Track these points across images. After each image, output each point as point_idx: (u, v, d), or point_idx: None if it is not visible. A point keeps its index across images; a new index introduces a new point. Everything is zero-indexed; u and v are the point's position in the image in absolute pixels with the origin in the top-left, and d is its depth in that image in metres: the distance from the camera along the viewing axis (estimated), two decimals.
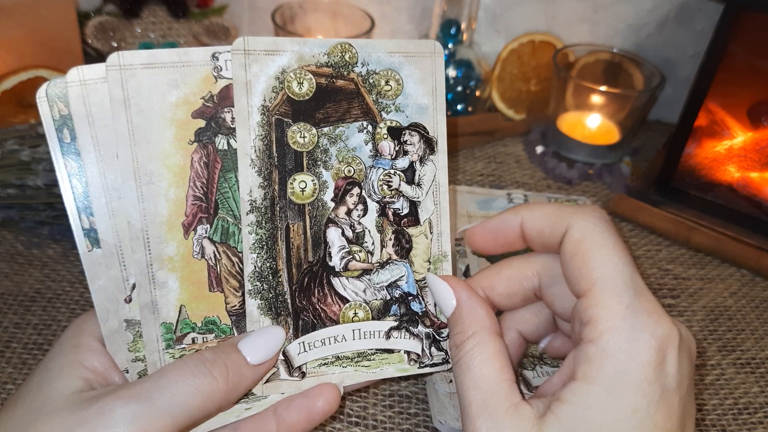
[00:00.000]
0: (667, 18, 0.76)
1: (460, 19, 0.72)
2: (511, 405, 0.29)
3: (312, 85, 0.35)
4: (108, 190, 0.31)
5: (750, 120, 0.62)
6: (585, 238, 0.31)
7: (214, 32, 0.71)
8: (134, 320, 0.32)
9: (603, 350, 0.28)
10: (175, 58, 0.31)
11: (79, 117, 0.30)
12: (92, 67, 0.30)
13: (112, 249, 0.31)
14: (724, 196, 0.63)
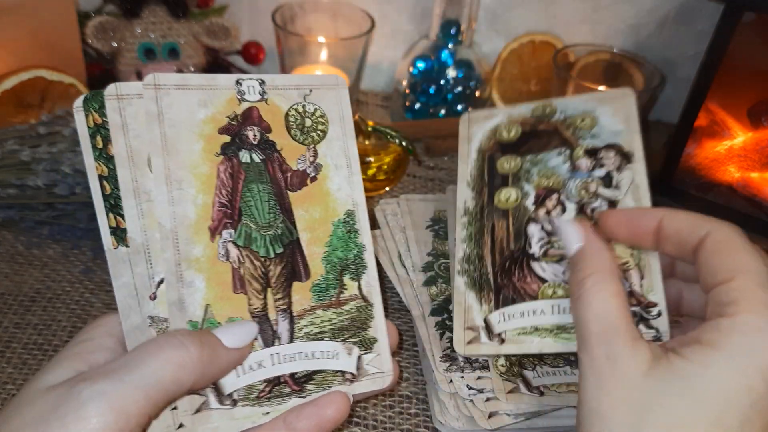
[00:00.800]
0: (667, 18, 0.76)
1: (460, 20, 0.72)
2: (631, 338, 0.30)
3: (518, 132, 0.46)
4: (139, 192, 0.33)
5: (750, 120, 0.62)
6: (727, 239, 0.32)
7: (214, 32, 0.71)
8: (159, 317, 0.33)
9: (737, 325, 0.28)
10: (203, 82, 0.35)
11: (115, 126, 0.33)
12: (128, 84, 0.34)
13: (140, 247, 0.33)
14: (724, 196, 0.63)
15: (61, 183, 0.53)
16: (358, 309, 0.37)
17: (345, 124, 0.39)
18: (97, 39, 0.67)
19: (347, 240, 0.38)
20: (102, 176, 0.33)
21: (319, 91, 0.38)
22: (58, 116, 0.59)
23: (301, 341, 0.36)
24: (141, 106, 0.34)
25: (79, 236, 0.56)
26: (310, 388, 0.35)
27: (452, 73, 0.74)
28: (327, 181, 0.38)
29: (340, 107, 0.39)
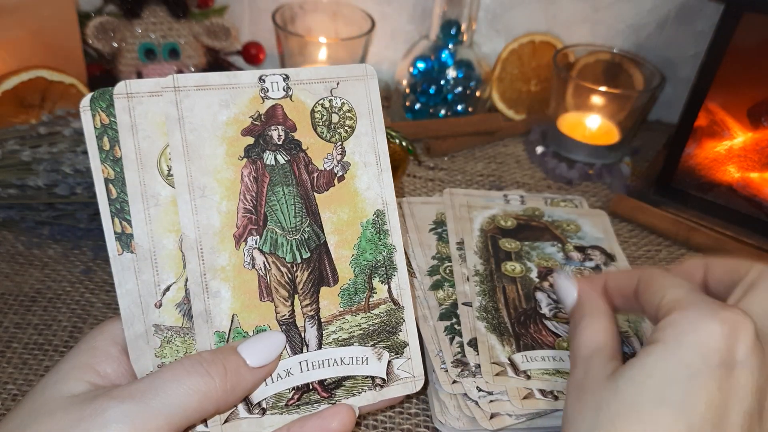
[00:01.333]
0: (668, 18, 0.76)
1: (460, 20, 0.72)
2: (609, 357, 0.33)
3: (514, 223, 0.56)
4: (146, 197, 0.32)
5: (750, 120, 0.62)
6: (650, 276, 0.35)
7: (214, 33, 0.71)
8: (163, 325, 0.33)
9: (673, 320, 0.31)
10: (224, 80, 0.34)
11: (124, 126, 0.32)
12: (139, 82, 0.32)
13: (146, 254, 0.32)
14: (724, 197, 0.63)
15: (62, 183, 0.53)
16: (388, 313, 0.36)
17: (374, 117, 0.37)
18: (98, 39, 0.67)
19: (376, 242, 0.36)
20: (108, 179, 0.32)
21: (346, 83, 0.36)
22: (58, 116, 0.59)
23: (329, 347, 0.35)
24: (151, 106, 0.32)
25: (80, 236, 0.56)
26: (340, 394, 0.35)
27: (452, 73, 0.74)
28: (355, 180, 0.36)
29: (369, 99, 0.37)
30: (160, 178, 0.33)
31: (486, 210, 0.58)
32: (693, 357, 0.29)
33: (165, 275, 0.33)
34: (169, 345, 0.33)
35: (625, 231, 0.64)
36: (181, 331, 0.33)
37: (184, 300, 0.33)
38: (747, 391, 0.29)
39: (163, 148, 0.33)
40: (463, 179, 0.68)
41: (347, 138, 0.36)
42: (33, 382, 0.45)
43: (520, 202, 0.62)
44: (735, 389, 0.29)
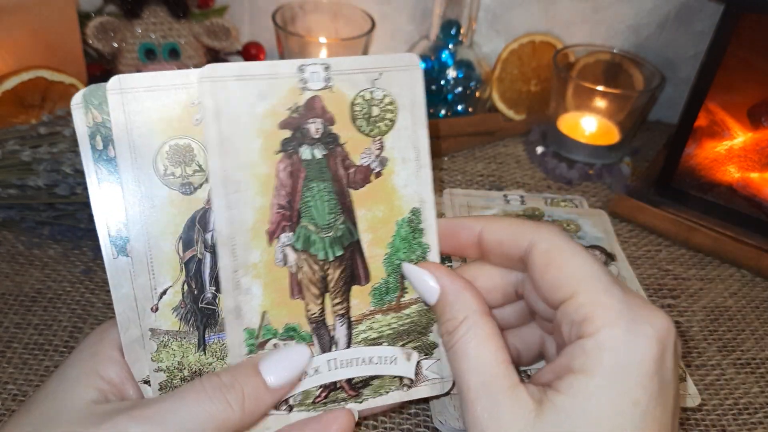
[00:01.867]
0: (667, 18, 0.76)
1: (460, 20, 0.72)
2: (509, 387, 0.29)
3: None
4: (142, 198, 0.31)
5: (750, 120, 0.62)
6: (554, 247, 0.31)
7: (214, 33, 0.71)
8: (159, 330, 0.32)
9: (602, 344, 0.28)
10: (263, 71, 0.32)
11: (118, 125, 0.31)
12: (133, 76, 0.31)
13: (142, 257, 0.32)
14: (724, 197, 0.63)
15: (62, 183, 0.53)
16: (419, 313, 0.36)
17: (416, 110, 0.35)
18: (98, 39, 0.67)
19: (411, 241, 0.35)
20: (101, 180, 0.31)
21: (389, 73, 0.34)
22: (58, 116, 0.59)
23: (358, 346, 0.35)
24: (147, 102, 0.31)
25: (80, 236, 0.56)
26: (367, 393, 0.35)
27: (452, 73, 0.74)
28: (392, 176, 0.35)
29: (412, 92, 0.35)
30: (156, 178, 0.32)
31: (486, 210, 0.58)
32: (639, 392, 0.27)
33: (161, 279, 0.32)
34: (166, 349, 0.33)
35: (625, 231, 0.64)
36: (177, 335, 0.33)
37: (181, 304, 0.33)
38: (674, 394, 0.28)
39: (160, 147, 0.32)
40: (463, 179, 0.68)
41: (387, 132, 0.35)
42: (33, 382, 0.45)
43: (520, 202, 0.61)
44: (669, 399, 0.28)
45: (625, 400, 0.27)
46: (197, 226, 0.33)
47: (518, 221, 0.33)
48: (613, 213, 0.65)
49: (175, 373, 0.33)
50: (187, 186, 0.32)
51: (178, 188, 0.32)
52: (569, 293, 0.30)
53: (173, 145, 0.32)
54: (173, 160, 0.32)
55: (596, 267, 0.30)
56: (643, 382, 0.27)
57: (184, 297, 0.33)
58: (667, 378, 0.28)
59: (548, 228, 0.32)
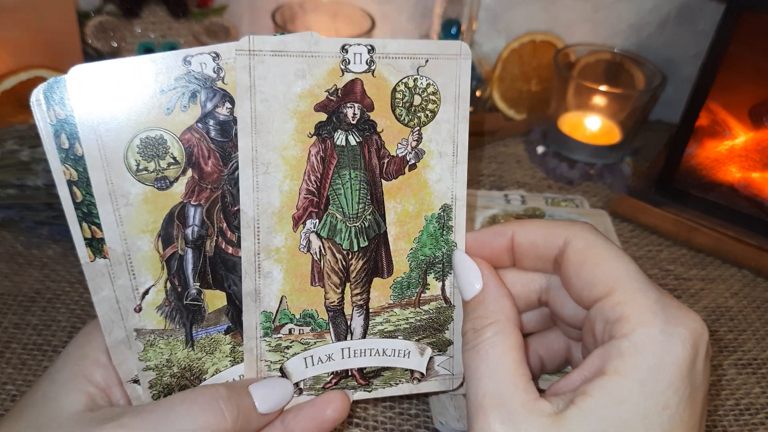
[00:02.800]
0: (668, 18, 0.76)
1: (460, 19, 0.72)
2: (529, 399, 0.28)
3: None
4: (115, 196, 0.30)
5: (751, 120, 0.62)
6: (590, 245, 0.31)
7: (214, 32, 0.70)
8: (145, 329, 0.32)
9: (637, 345, 0.27)
10: (304, 47, 0.31)
11: (83, 121, 0.29)
12: (93, 65, 0.29)
13: (120, 258, 0.31)
14: (725, 197, 0.63)
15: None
16: (437, 310, 0.35)
17: (460, 103, 0.33)
18: (97, 39, 0.67)
19: (438, 237, 0.35)
20: (71, 181, 0.29)
21: (436, 61, 0.33)
22: None
23: (374, 338, 0.35)
24: (110, 93, 0.29)
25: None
26: (377, 383, 0.35)
27: None
28: (427, 170, 0.34)
29: (457, 82, 0.33)
30: (128, 174, 0.30)
31: (487, 210, 0.58)
32: (669, 395, 0.26)
33: (142, 278, 0.31)
34: (153, 348, 0.32)
35: (626, 231, 0.64)
36: (164, 333, 0.32)
37: (165, 302, 0.32)
38: (702, 396, 0.28)
39: (130, 141, 0.30)
40: None
41: (426, 123, 0.33)
42: (32, 382, 0.44)
43: (521, 202, 0.61)
44: (698, 401, 0.28)
45: (656, 403, 0.26)
46: (176, 221, 0.31)
47: (550, 222, 0.33)
48: (614, 213, 0.65)
49: (164, 370, 0.33)
50: (162, 180, 0.31)
51: (153, 183, 0.31)
52: (605, 291, 0.29)
53: (144, 138, 0.30)
54: (145, 154, 0.30)
55: (632, 266, 0.30)
56: (675, 385, 0.27)
57: (167, 295, 0.32)
58: (698, 381, 0.27)
59: (582, 226, 0.32)
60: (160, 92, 0.30)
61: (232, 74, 0.31)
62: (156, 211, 0.31)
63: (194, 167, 0.31)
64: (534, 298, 0.35)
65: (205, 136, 0.31)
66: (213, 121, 0.31)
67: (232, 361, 0.34)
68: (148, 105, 0.30)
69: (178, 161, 0.31)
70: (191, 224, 0.32)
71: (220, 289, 0.33)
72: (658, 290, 0.29)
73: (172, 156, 0.31)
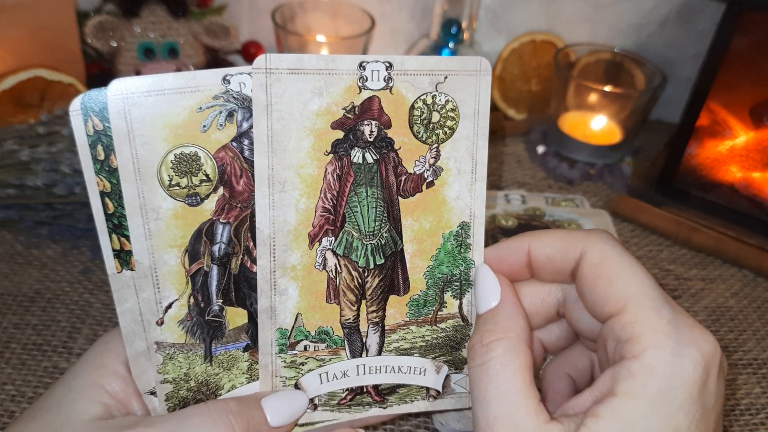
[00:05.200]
0: (669, 17, 0.76)
1: (460, 19, 0.72)
2: (541, 423, 0.27)
3: (515, 222, 0.57)
4: (146, 210, 0.30)
5: (752, 120, 0.62)
6: (605, 259, 0.30)
7: (213, 32, 0.70)
8: (165, 342, 0.32)
9: (648, 366, 0.27)
10: (321, 65, 0.30)
11: (120, 133, 0.29)
12: (135, 79, 0.29)
13: (147, 271, 0.31)
14: (725, 197, 0.63)
15: (61, 183, 0.53)
16: (454, 329, 0.35)
17: (479, 120, 0.33)
18: (97, 38, 0.67)
19: (455, 255, 0.34)
20: (104, 192, 0.29)
21: (455, 77, 0.32)
22: (57, 116, 0.59)
23: (389, 355, 0.34)
24: (150, 108, 0.29)
25: (79, 236, 0.56)
26: (392, 400, 0.35)
27: None
28: (445, 187, 0.33)
29: (477, 99, 0.33)
30: (160, 189, 0.30)
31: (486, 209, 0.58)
32: (680, 417, 0.26)
33: (167, 292, 0.31)
34: (172, 361, 0.32)
35: (626, 231, 0.64)
36: (184, 347, 0.32)
37: (187, 317, 0.32)
38: (715, 417, 0.28)
39: (164, 156, 0.30)
40: None
41: (445, 141, 0.33)
42: (32, 383, 0.44)
43: (521, 202, 0.61)
44: (710, 423, 0.27)
45: (666, 425, 0.26)
46: (204, 238, 0.31)
47: (566, 232, 0.32)
48: (614, 213, 0.65)
49: (182, 384, 0.33)
50: (194, 197, 0.31)
51: (184, 199, 0.31)
52: (617, 309, 0.29)
53: (179, 153, 0.30)
54: (179, 169, 0.30)
55: (647, 282, 0.29)
56: (685, 408, 0.26)
57: (190, 310, 0.32)
58: (710, 403, 0.27)
59: (599, 236, 0.31)
60: (198, 109, 0.30)
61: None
62: (185, 227, 0.31)
63: (226, 185, 0.31)
64: (552, 311, 0.34)
65: (238, 156, 0.31)
66: (247, 140, 0.31)
67: (249, 378, 0.34)
68: (186, 121, 0.30)
69: (211, 179, 0.31)
70: (219, 241, 0.32)
71: (242, 307, 0.33)
72: (673, 308, 0.28)
73: (205, 173, 0.31)
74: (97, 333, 0.48)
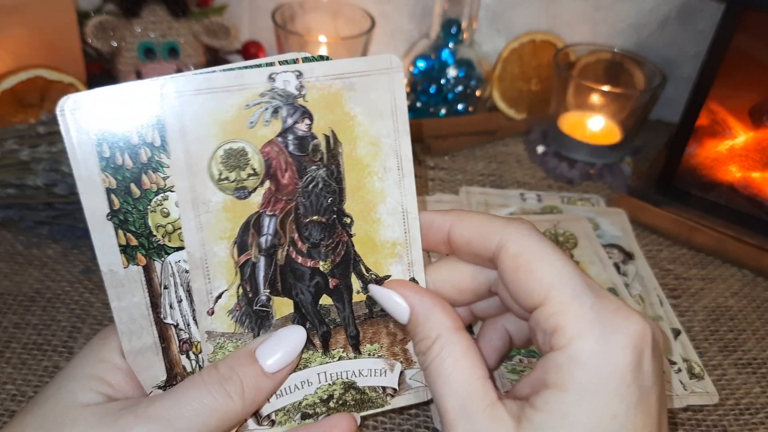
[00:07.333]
0: (669, 17, 0.76)
1: (460, 19, 0.72)
2: (488, 405, 0.28)
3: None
4: (197, 204, 0.31)
5: (751, 120, 0.62)
6: (524, 250, 0.30)
7: (214, 32, 0.70)
8: (215, 332, 0.32)
9: (573, 357, 0.27)
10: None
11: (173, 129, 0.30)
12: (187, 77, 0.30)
13: (198, 262, 0.32)
14: (725, 196, 0.63)
15: (61, 182, 0.53)
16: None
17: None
18: (97, 38, 0.67)
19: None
20: (110, 189, 0.30)
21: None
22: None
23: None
24: (200, 105, 0.30)
25: (79, 236, 0.56)
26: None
27: (453, 72, 0.74)
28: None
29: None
30: (210, 183, 0.31)
31: (503, 208, 0.58)
32: (617, 404, 0.26)
33: (217, 283, 0.32)
34: (222, 351, 0.33)
35: None
36: (233, 336, 0.33)
37: (236, 306, 0.33)
38: (656, 398, 0.28)
39: (214, 151, 0.31)
40: (464, 179, 0.68)
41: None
42: (32, 382, 0.44)
43: (537, 201, 0.61)
44: (651, 404, 0.27)
45: (603, 414, 0.26)
46: (251, 230, 0.33)
47: (487, 218, 0.32)
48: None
49: None
50: (242, 190, 0.32)
51: (233, 193, 0.32)
52: (539, 300, 0.29)
53: (227, 149, 0.31)
54: (228, 164, 0.31)
55: (566, 270, 0.29)
56: (620, 393, 0.26)
57: (239, 300, 0.33)
58: (647, 384, 0.27)
59: (517, 226, 0.31)
60: (245, 106, 0.31)
61: (313, 92, 0.32)
62: (234, 219, 0.32)
63: (272, 179, 0.33)
64: (484, 289, 0.34)
65: (283, 150, 0.32)
66: (292, 135, 0.32)
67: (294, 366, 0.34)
68: (234, 117, 0.31)
69: (258, 173, 0.32)
70: (265, 233, 0.33)
71: (288, 297, 0.34)
72: (595, 294, 0.28)
73: (252, 167, 0.32)
74: (97, 332, 0.48)
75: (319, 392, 0.35)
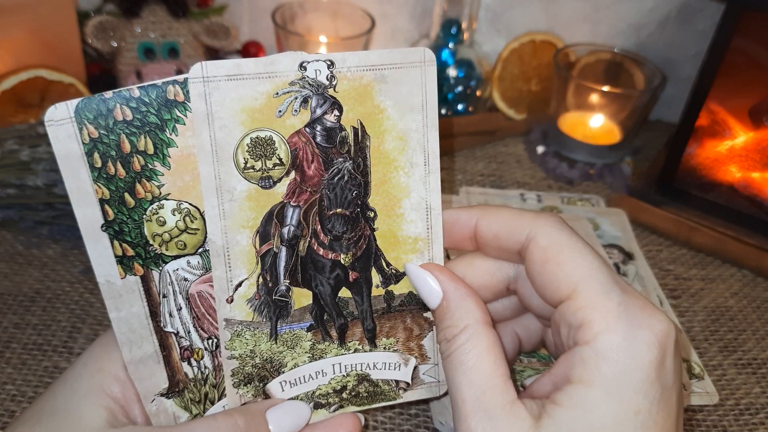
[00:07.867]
0: (668, 17, 0.76)
1: (460, 19, 0.72)
2: (507, 403, 0.28)
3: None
4: (221, 191, 0.31)
5: (751, 120, 0.62)
6: (553, 243, 0.30)
7: (214, 32, 0.70)
8: (234, 320, 0.33)
9: (600, 352, 0.27)
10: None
11: (200, 115, 0.30)
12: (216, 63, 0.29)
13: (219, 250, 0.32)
14: (725, 197, 0.63)
15: (61, 183, 0.53)
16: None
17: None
18: (97, 38, 0.67)
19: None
20: (103, 200, 0.30)
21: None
22: None
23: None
24: (230, 92, 0.30)
25: (79, 236, 0.55)
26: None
27: (453, 72, 0.74)
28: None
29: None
30: (235, 171, 0.31)
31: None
32: (640, 400, 0.26)
33: (237, 271, 0.32)
34: (239, 338, 0.33)
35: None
36: (251, 325, 0.33)
37: (256, 295, 0.33)
38: (677, 396, 0.28)
39: (241, 139, 0.31)
40: (464, 179, 0.68)
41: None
42: (32, 382, 0.44)
43: (537, 201, 0.61)
44: (672, 403, 0.27)
45: (626, 409, 0.26)
46: (275, 220, 0.32)
47: (515, 212, 0.32)
48: None
49: (247, 360, 0.34)
50: (267, 180, 0.32)
51: (258, 182, 0.32)
52: (567, 294, 0.29)
53: (254, 137, 0.31)
54: (254, 153, 0.31)
55: (595, 265, 0.29)
56: (644, 390, 0.26)
57: (258, 289, 0.33)
58: (669, 382, 0.27)
59: (547, 219, 0.31)
60: (275, 95, 0.31)
61: (344, 83, 0.31)
62: (257, 209, 0.32)
63: (297, 170, 0.32)
64: (502, 287, 0.34)
65: (311, 141, 0.32)
66: (320, 126, 0.32)
67: (311, 357, 0.35)
68: (262, 106, 0.31)
69: (284, 162, 0.32)
70: (288, 224, 0.33)
71: (308, 288, 0.34)
72: (623, 290, 0.28)
73: (278, 157, 0.32)
74: (97, 333, 0.49)
75: (333, 383, 0.35)
